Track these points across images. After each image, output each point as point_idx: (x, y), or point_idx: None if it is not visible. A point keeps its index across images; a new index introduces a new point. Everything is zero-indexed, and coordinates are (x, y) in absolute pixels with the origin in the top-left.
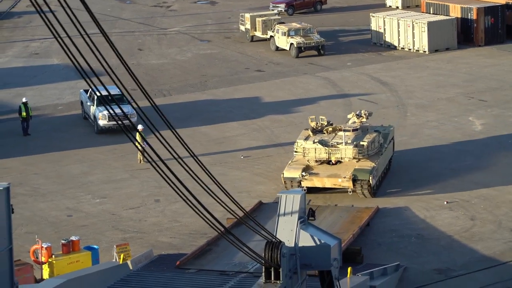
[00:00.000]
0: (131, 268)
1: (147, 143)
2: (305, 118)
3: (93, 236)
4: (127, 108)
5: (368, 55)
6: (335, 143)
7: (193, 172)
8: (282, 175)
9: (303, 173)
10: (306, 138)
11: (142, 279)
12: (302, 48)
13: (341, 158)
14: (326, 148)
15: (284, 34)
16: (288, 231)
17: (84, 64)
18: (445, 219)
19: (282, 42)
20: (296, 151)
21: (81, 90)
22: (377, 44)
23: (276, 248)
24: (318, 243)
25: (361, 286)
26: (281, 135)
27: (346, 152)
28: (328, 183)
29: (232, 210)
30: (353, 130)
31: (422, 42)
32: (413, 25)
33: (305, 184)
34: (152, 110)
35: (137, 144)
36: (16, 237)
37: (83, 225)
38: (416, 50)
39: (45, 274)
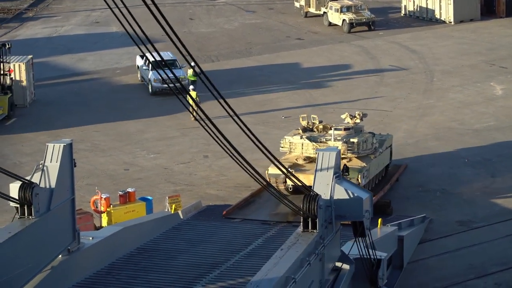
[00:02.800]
0: (181, 217)
1: (196, 103)
2: (340, 83)
3: (147, 188)
4: (178, 72)
5: (398, 24)
6: (324, 140)
7: (248, 128)
8: (266, 171)
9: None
10: (295, 135)
11: (191, 228)
12: (354, 24)
13: None
14: (313, 144)
15: (336, 10)
16: (324, 185)
17: (140, 31)
18: (468, 176)
19: (335, 18)
20: (282, 147)
21: (137, 56)
22: (406, 16)
23: (314, 200)
24: (352, 196)
25: (390, 235)
26: (318, 97)
27: None
28: None
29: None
30: (345, 129)
31: (448, 14)
32: None
33: (291, 181)
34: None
35: (190, 102)
36: (78, 188)
37: (138, 178)
38: (443, 21)
39: (104, 222)
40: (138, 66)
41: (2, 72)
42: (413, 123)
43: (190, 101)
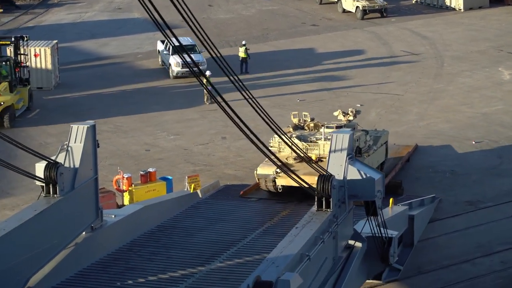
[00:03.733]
0: (200, 196)
1: (213, 86)
2: (354, 68)
3: (167, 168)
4: (197, 57)
5: (410, 11)
6: (314, 139)
7: (263, 111)
8: (255, 171)
9: (277, 170)
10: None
11: (210, 206)
12: (367, 11)
13: (320, 154)
14: (303, 143)
15: None
16: (338, 166)
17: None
18: (476, 157)
19: (349, 5)
20: (271, 146)
21: (158, 41)
22: (418, 3)
23: (327, 181)
24: (364, 176)
25: (401, 215)
26: (333, 81)
27: (325, 147)
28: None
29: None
30: (336, 127)
31: (458, 1)
32: None
33: (280, 182)
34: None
35: (205, 87)
36: (101, 168)
37: (159, 159)
38: (453, 8)
39: (126, 201)
40: (159, 51)
41: (21, 65)
42: (424, 107)
43: (205, 85)
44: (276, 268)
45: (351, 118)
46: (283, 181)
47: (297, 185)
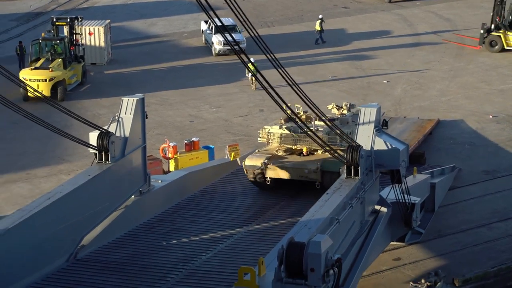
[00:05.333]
0: (239, 164)
1: (258, 71)
2: (381, 47)
3: (210, 138)
4: (237, 36)
5: None
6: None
7: (297, 86)
8: (243, 162)
9: (266, 161)
10: (275, 125)
11: None
12: None
13: (309, 146)
14: (293, 134)
15: None
16: (365, 137)
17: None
18: (493, 130)
19: None
20: (260, 137)
21: (202, 21)
22: None
23: (356, 151)
24: (390, 147)
25: (423, 182)
26: (362, 60)
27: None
28: (293, 174)
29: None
30: (329, 120)
31: None
32: None
33: (269, 174)
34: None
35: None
36: (149, 137)
37: (202, 129)
38: None
39: (171, 167)
40: (202, 30)
41: (76, 43)
42: (445, 83)
43: (251, 72)
44: (308, 230)
45: (345, 111)
46: (272, 173)
47: (286, 177)
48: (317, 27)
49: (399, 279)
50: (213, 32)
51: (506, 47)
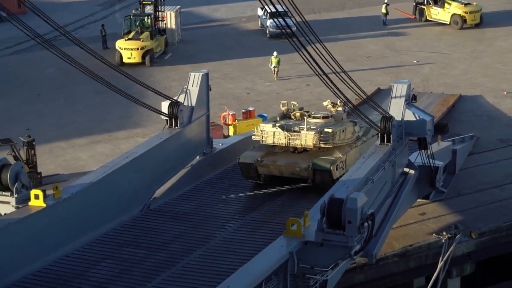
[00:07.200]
0: None
1: (278, 64)
2: (412, 32)
3: (263, 108)
4: (289, 21)
5: None
6: (298, 129)
7: (338, 64)
8: (238, 159)
9: (259, 158)
10: (267, 123)
11: None
12: None
13: (301, 144)
14: (285, 132)
15: None
16: (397, 109)
17: None
18: (507, 105)
19: None
20: (255, 135)
21: (258, 7)
22: None
23: (389, 121)
24: (418, 118)
25: (446, 149)
26: (395, 42)
27: (307, 138)
28: (285, 171)
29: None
30: (323, 117)
31: None
32: None
33: (261, 170)
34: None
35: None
36: (212, 106)
37: (257, 100)
38: None
39: (231, 132)
40: (258, 15)
41: (160, 18)
42: (467, 63)
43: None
44: (346, 188)
45: (340, 108)
46: (265, 170)
47: (278, 174)
48: (383, 10)
49: (424, 231)
50: (267, 17)
51: (428, 18)
